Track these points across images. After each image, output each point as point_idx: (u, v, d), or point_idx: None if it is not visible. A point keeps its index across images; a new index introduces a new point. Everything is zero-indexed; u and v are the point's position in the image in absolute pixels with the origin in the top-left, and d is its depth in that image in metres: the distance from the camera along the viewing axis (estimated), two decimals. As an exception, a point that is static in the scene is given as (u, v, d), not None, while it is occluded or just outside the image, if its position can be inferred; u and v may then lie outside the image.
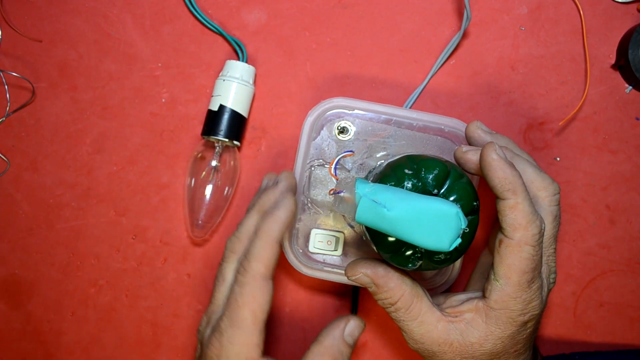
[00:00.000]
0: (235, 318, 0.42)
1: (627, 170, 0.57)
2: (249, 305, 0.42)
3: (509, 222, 0.41)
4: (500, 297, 0.42)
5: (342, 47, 0.58)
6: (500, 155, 0.41)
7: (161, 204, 0.59)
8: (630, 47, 0.55)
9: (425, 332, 0.44)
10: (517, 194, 0.40)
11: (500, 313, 0.42)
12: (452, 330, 0.43)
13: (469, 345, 0.43)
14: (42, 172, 0.59)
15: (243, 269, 0.43)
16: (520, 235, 0.41)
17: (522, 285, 0.41)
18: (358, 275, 0.44)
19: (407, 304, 0.43)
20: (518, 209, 0.40)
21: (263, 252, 0.43)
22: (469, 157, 0.44)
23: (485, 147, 0.41)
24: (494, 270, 0.42)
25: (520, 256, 0.41)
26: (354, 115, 0.53)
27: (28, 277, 0.59)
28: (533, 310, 0.43)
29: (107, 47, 0.59)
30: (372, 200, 0.40)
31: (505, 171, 0.40)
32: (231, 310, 0.42)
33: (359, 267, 0.45)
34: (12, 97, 0.59)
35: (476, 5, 0.57)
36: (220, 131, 0.54)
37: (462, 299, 0.45)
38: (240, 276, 0.43)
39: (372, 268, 0.44)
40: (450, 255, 0.42)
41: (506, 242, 0.41)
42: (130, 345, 0.59)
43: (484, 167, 0.41)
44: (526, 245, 0.41)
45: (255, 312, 0.42)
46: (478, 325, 0.43)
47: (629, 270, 0.58)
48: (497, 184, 0.41)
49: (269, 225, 0.43)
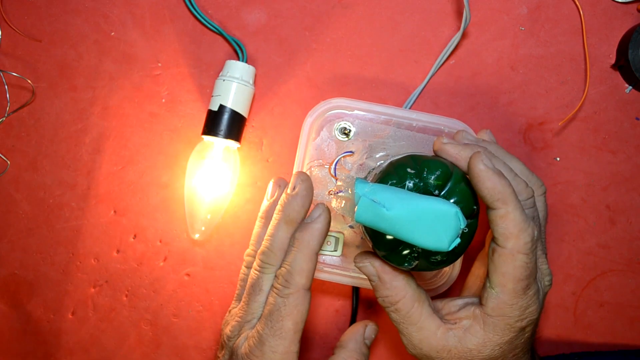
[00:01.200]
0: (279, 328, 0.43)
1: (627, 170, 0.57)
2: (291, 316, 0.43)
3: (501, 231, 0.41)
4: (497, 304, 0.42)
5: (342, 47, 0.58)
6: (487, 165, 0.41)
7: (161, 204, 0.59)
8: (630, 47, 0.54)
9: (424, 338, 0.44)
10: (508, 203, 0.40)
11: (498, 320, 0.42)
12: (451, 337, 0.43)
13: (467, 351, 0.43)
14: (42, 172, 0.59)
15: (286, 281, 0.44)
16: (512, 244, 0.41)
17: (517, 292, 0.41)
18: (366, 263, 0.45)
19: (408, 306, 0.44)
20: (509, 218, 0.40)
21: (305, 265, 0.44)
22: (447, 148, 0.44)
23: (472, 157, 0.41)
24: (489, 278, 0.42)
25: (514, 265, 0.41)
26: (353, 115, 0.53)
27: (28, 277, 0.59)
28: (531, 316, 0.43)
29: (107, 47, 0.59)
30: (372, 200, 0.40)
31: (493, 181, 0.40)
32: (274, 321, 0.43)
33: (368, 257, 0.45)
34: (12, 97, 0.59)
35: (476, 6, 0.57)
36: (220, 131, 0.54)
37: (460, 304, 0.45)
38: (284, 288, 0.44)
39: (380, 262, 0.45)
40: (447, 257, 0.42)
41: (499, 251, 0.41)
42: (130, 345, 0.59)
43: (473, 178, 0.41)
44: (519, 254, 0.41)
45: (297, 323, 0.44)
46: (476, 332, 0.43)
47: (629, 270, 0.58)
48: (487, 194, 0.40)
49: (309, 239, 0.44)
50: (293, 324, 0.43)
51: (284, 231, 0.46)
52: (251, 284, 0.46)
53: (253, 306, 0.46)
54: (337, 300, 0.58)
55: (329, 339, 0.59)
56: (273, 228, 0.46)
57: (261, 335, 0.43)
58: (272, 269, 0.45)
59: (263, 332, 0.44)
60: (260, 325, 0.44)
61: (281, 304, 0.44)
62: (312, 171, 0.53)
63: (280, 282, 0.44)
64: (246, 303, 0.46)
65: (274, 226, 0.46)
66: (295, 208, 0.46)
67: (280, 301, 0.44)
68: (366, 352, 0.48)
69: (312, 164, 0.53)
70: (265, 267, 0.46)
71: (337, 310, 0.58)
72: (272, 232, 0.46)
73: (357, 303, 0.57)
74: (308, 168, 0.53)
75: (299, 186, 0.46)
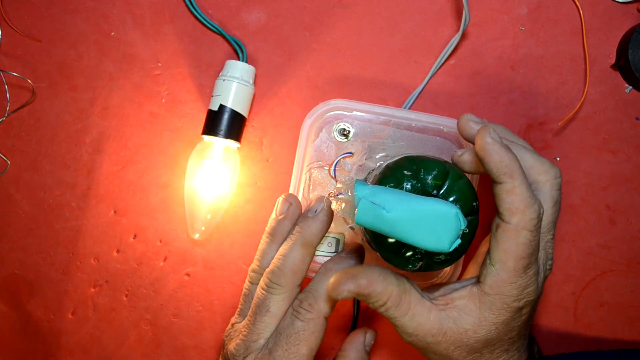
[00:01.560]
0: (294, 352, 0.43)
1: (627, 170, 0.57)
2: (308, 342, 0.44)
3: (506, 206, 0.40)
4: (495, 282, 0.41)
5: (342, 47, 0.58)
6: (495, 138, 0.40)
7: (161, 204, 0.59)
8: (630, 47, 0.54)
9: (418, 325, 0.42)
10: (514, 177, 0.39)
11: (495, 298, 0.41)
12: (445, 319, 0.42)
13: (463, 332, 0.42)
14: (42, 172, 0.59)
15: (309, 305, 0.44)
16: (517, 220, 0.40)
17: (517, 270, 0.41)
18: (343, 294, 0.42)
19: (395, 302, 0.42)
20: (515, 193, 0.40)
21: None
22: (465, 158, 0.44)
23: (480, 130, 0.40)
24: (489, 254, 0.41)
25: (517, 241, 0.40)
26: (352, 116, 0.53)
27: (28, 277, 0.60)
28: (528, 297, 0.42)
29: (107, 47, 0.59)
30: (372, 202, 0.40)
31: (500, 154, 0.40)
32: (290, 345, 0.44)
33: (341, 285, 0.42)
34: (12, 97, 0.59)
35: (476, 6, 0.57)
36: (220, 131, 0.54)
37: (456, 287, 0.44)
38: (306, 312, 0.44)
39: (353, 281, 0.42)
40: (451, 256, 0.42)
41: (503, 227, 0.40)
42: (130, 345, 0.59)
43: (479, 151, 0.40)
44: (523, 230, 0.40)
45: (312, 349, 0.44)
46: (471, 311, 0.42)
47: (629, 270, 0.58)
48: (494, 167, 0.40)
49: (338, 269, 0.45)
50: (308, 349, 0.44)
51: (298, 253, 0.46)
52: (257, 304, 0.46)
53: (259, 326, 0.45)
54: (338, 305, 0.58)
55: (329, 339, 0.59)
56: (287, 248, 0.46)
57: (274, 357, 0.43)
58: (280, 289, 0.45)
59: (276, 354, 0.43)
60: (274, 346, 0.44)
61: (300, 328, 0.44)
62: (312, 173, 0.53)
63: (304, 305, 0.44)
64: (252, 322, 0.46)
65: (289, 247, 0.46)
66: (314, 232, 0.46)
67: (300, 325, 0.44)
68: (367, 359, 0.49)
69: (312, 165, 0.53)
70: (274, 288, 0.45)
71: (338, 311, 0.58)
72: (285, 252, 0.46)
73: (358, 304, 0.57)
74: (308, 170, 0.53)
75: (321, 212, 0.47)
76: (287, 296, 0.45)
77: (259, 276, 0.47)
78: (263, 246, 0.48)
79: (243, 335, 0.46)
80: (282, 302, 0.45)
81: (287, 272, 0.45)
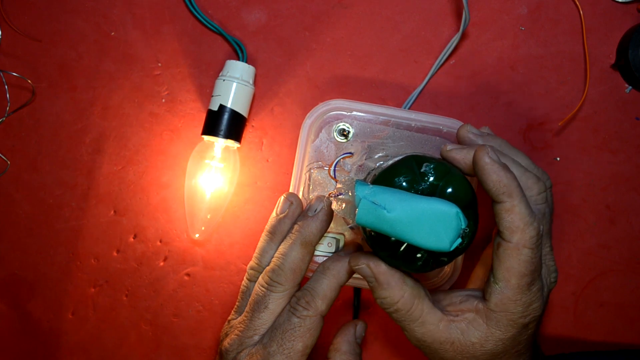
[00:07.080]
0: (288, 348, 0.44)
1: (627, 170, 0.57)
2: (304, 338, 0.44)
3: (506, 225, 0.41)
4: (500, 300, 0.42)
5: (342, 47, 0.58)
6: (493, 158, 0.41)
7: (161, 204, 0.59)
8: (630, 47, 0.54)
9: (427, 332, 0.43)
10: (513, 196, 0.40)
11: (501, 316, 0.42)
12: (454, 330, 0.43)
13: (470, 345, 0.43)
14: (42, 172, 0.59)
15: (307, 303, 0.45)
16: (518, 238, 0.40)
17: (521, 288, 0.41)
18: (361, 265, 0.44)
19: (407, 305, 0.43)
20: (514, 212, 0.40)
21: (329, 293, 0.45)
22: (453, 155, 0.44)
23: (477, 150, 0.41)
24: (493, 273, 0.42)
25: (518, 259, 0.41)
26: (352, 116, 0.53)
27: (28, 277, 0.60)
28: (534, 312, 0.42)
29: (107, 47, 0.59)
30: (372, 202, 0.40)
31: (499, 174, 0.40)
32: (285, 340, 0.44)
33: (363, 258, 0.44)
34: (12, 97, 0.59)
35: (476, 6, 0.57)
36: (220, 131, 0.54)
37: (463, 296, 0.45)
38: (303, 310, 0.44)
39: (375, 262, 0.44)
40: (451, 256, 0.42)
41: (504, 246, 0.41)
42: (130, 345, 0.59)
43: (478, 171, 0.41)
44: (524, 248, 0.40)
45: (307, 347, 0.44)
46: (479, 326, 0.43)
47: (629, 270, 0.58)
48: (492, 187, 0.40)
49: (338, 269, 0.45)
50: (303, 346, 0.44)
51: (297, 252, 0.46)
52: (255, 300, 0.46)
53: (256, 322, 0.46)
54: (338, 301, 0.58)
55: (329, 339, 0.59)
56: (287, 247, 0.46)
57: (268, 352, 0.44)
58: (280, 287, 0.46)
59: (271, 349, 0.44)
60: (269, 342, 0.44)
61: (297, 324, 0.44)
62: (312, 173, 0.53)
63: (301, 303, 0.45)
64: (248, 318, 0.46)
65: (289, 245, 0.46)
66: (313, 231, 0.46)
67: (297, 322, 0.44)
68: (359, 351, 0.49)
69: (312, 165, 0.53)
70: (274, 286, 0.46)
71: (338, 311, 0.58)
72: (285, 251, 0.46)
73: (358, 304, 0.57)
74: (307, 170, 0.53)
75: (321, 211, 0.47)
76: (286, 294, 0.46)
77: (258, 274, 0.48)
78: (262, 244, 0.48)
79: (239, 331, 0.46)
80: (281, 299, 0.46)
81: (287, 271, 0.46)
